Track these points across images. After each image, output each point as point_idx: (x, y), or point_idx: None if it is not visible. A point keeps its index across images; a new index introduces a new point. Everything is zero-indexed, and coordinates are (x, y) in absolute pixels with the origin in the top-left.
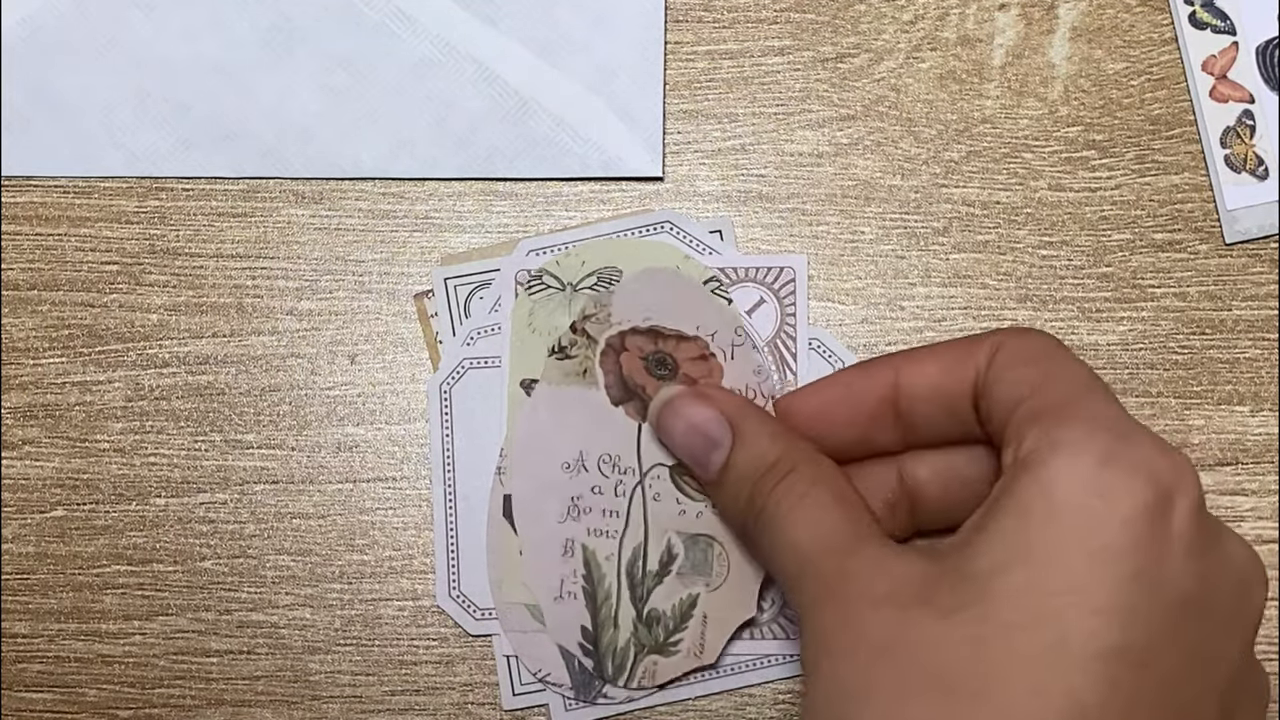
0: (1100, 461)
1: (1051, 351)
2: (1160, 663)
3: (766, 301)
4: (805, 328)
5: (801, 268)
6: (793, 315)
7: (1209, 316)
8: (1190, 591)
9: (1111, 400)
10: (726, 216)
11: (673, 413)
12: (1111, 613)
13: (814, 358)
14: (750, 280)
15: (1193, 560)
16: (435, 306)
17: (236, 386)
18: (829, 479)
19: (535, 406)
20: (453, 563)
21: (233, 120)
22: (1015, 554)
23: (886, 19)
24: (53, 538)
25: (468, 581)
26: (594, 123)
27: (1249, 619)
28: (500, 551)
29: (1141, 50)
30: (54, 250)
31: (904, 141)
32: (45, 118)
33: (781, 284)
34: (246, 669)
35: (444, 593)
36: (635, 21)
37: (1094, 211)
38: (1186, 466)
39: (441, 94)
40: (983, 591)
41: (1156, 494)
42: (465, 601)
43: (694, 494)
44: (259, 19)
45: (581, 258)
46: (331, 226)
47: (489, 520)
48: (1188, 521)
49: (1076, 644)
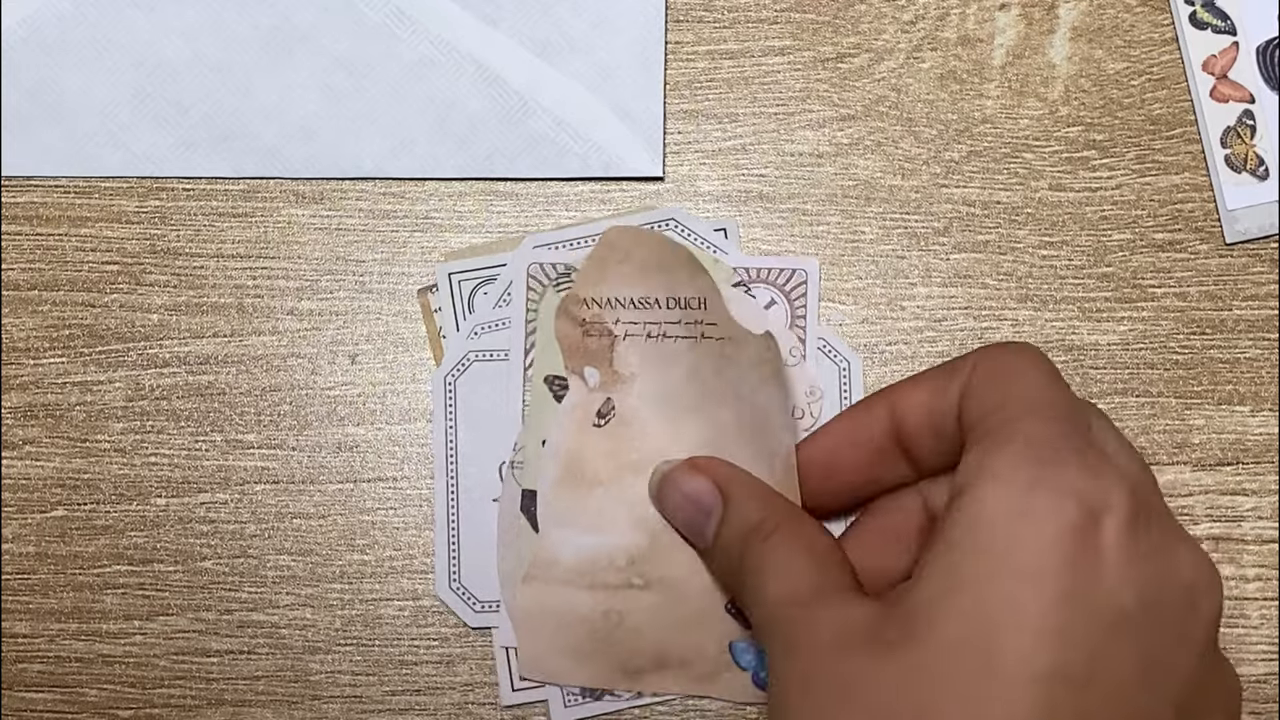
0: (1026, 487)
1: (1014, 368)
2: (1104, 680)
3: (777, 303)
4: (815, 329)
5: (814, 270)
6: (803, 317)
7: (1209, 316)
8: (1129, 606)
9: (1055, 419)
10: (731, 216)
11: (669, 485)
12: (1045, 634)
13: (820, 358)
14: (762, 281)
15: (1130, 575)
16: (439, 301)
17: (237, 386)
18: (807, 535)
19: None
20: (453, 554)
21: (233, 120)
22: (950, 583)
23: (887, 19)
24: (53, 538)
25: (469, 574)
26: (594, 123)
27: (1201, 626)
28: (514, 546)
29: (1142, 50)
30: (54, 250)
31: (904, 141)
32: (45, 118)
33: (793, 285)
34: (247, 669)
35: (444, 584)
36: (635, 21)
37: (1094, 211)
38: (1116, 484)
39: (441, 94)
40: (921, 624)
41: (1082, 514)
42: (465, 594)
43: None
44: (259, 19)
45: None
46: (332, 226)
47: (501, 514)
48: (1119, 538)
49: (1011, 668)
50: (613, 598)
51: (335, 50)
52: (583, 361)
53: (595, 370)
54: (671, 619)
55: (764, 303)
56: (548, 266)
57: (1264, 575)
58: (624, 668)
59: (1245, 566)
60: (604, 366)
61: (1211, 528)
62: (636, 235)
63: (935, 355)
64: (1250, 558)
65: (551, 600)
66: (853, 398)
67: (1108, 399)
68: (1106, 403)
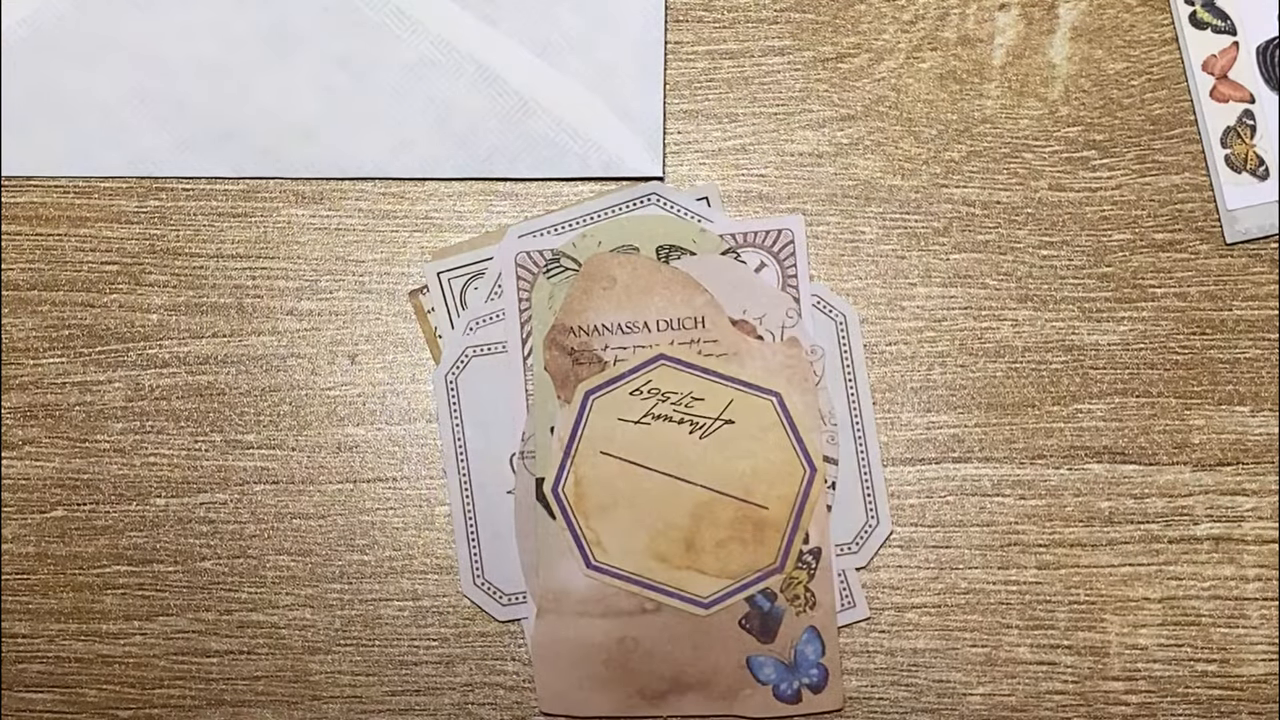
0: None
1: None
2: None
3: (767, 265)
4: (807, 285)
5: (799, 228)
6: (794, 276)
7: (1209, 316)
8: None
9: None
10: (712, 183)
11: None
12: None
13: (817, 315)
14: (750, 245)
15: None
16: (431, 302)
17: (236, 386)
18: None
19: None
20: (474, 551)
21: (232, 120)
22: None
23: (887, 19)
24: (53, 538)
25: (492, 568)
26: (594, 123)
27: None
28: (533, 536)
29: (1142, 50)
30: (54, 250)
31: (904, 141)
32: (45, 118)
33: (781, 245)
34: (246, 669)
35: (468, 581)
36: (635, 21)
37: (1094, 211)
38: None
39: (441, 94)
40: None
41: None
42: (491, 589)
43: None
44: (259, 19)
45: (598, 238)
46: (331, 226)
47: (518, 506)
48: None
49: None
50: (627, 624)
51: (335, 50)
52: (577, 392)
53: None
54: (686, 640)
55: (754, 266)
56: (535, 254)
57: (1264, 575)
58: (644, 693)
59: (1245, 566)
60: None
61: (1211, 528)
62: (619, 260)
63: (935, 355)
64: (1250, 558)
65: (566, 632)
66: (853, 351)
67: (1108, 399)
68: (1106, 403)
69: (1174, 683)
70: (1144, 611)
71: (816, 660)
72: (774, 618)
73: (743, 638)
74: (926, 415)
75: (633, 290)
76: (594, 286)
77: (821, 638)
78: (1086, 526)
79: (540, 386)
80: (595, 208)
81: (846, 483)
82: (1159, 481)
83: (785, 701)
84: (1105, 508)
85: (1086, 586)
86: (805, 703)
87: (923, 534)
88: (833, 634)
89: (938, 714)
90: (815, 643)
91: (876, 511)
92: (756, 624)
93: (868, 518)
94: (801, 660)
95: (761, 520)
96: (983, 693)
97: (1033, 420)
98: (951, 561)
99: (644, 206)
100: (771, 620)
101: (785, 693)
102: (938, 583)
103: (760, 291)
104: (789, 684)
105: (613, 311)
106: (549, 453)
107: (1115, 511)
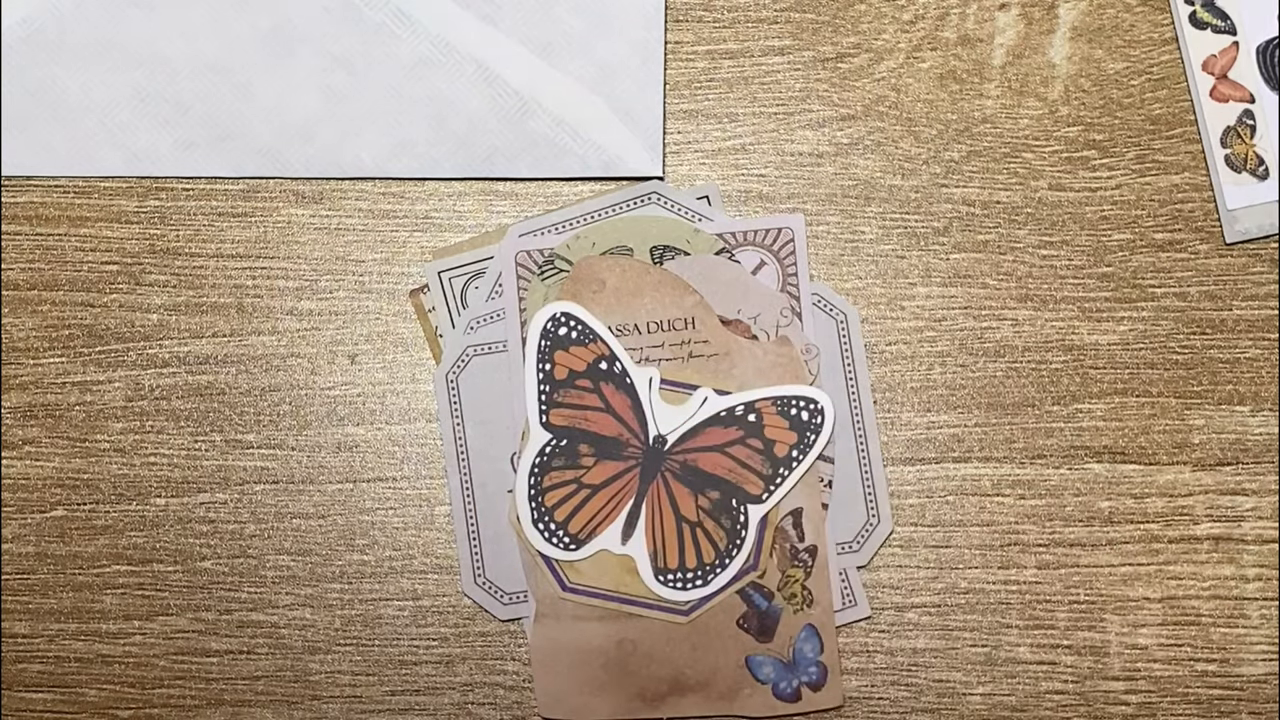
0: None
1: None
2: None
3: (768, 263)
4: (808, 285)
5: (800, 227)
6: (794, 275)
7: (1209, 316)
8: None
9: None
10: (712, 182)
11: None
12: None
13: (818, 314)
14: (750, 244)
15: None
16: (432, 301)
17: (236, 386)
18: None
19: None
20: (475, 550)
21: (232, 120)
22: None
23: (886, 19)
24: (53, 538)
25: (493, 567)
26: (594, 123)
27: None
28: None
29: (1142, 50)
30: (54, 250)
31: (904, 141)
32: (45, 118)
33: (781, 244)
34: (246, 669)
35: (469, 580)
36: (635, 21)
37: (1094, 211)
38: None
39: (441, 94)
40: None
41: None
42: (492, 588)
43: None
44: (259, 19)
45: (591, 239)
46: (331, 226)
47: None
48: None
49: None
50: (625, 627)
51: (335, 50)
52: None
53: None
54: (685, 641)
55: (752, 265)
56: (535, 253)
57: (1264, 575)
58: (644, 695)
59: (1245, 566)
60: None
61: (1211, 528)
62: (609, 263)
63: (935, 355)
64: (1250, 558)
65: (564, 636)
66: (854, 350)
67: (1108, 399)
68: (1106, 402)
69: (1174, 682)
70: (1144, 611)
71: (815, 658)
72: (771, 616)
73: (741, 637)
74: (926, 415)
75: (622, 293)
76: (583, 290)
77: (820, 635)
78: (1086, 526)
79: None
80: (595, 207)
81: (847, 481)
82: (1159, 481)
83: (785, 700)
84: (1105, 508)
85: (1086, 586)
86: (805, 701)
87: (923, 533)
88: (831, 631)
89: (937, 714)
90: (813, 640)
91: (878, 510)
92: (754, 623)
93: (869, 516)
94: (800, 658)
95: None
96: (983, 692)
97: (1033, 420)
98: (951, 561)
99: (644, 206)
100: (769, 619)
101: (785, 691)
102: (938, 582)
103: (754, 291)
104: (788, 682)
105: (603, 314)
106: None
107: (1115, 511)
